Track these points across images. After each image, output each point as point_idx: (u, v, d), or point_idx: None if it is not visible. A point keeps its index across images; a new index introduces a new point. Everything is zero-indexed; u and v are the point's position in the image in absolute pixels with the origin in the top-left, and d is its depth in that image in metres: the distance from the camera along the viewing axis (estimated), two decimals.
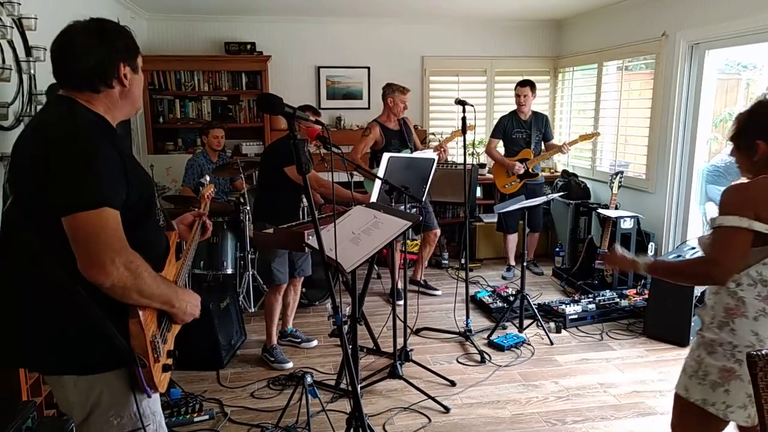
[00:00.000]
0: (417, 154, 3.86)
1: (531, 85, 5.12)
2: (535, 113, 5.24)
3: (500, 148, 5.32)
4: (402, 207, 3.26)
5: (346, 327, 3.67)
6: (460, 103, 3.82)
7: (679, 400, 1.95)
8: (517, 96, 5.14)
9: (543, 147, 5.29)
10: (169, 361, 1.60)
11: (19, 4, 2.82)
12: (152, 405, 1.60)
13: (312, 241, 2.30)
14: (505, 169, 5.23)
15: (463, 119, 3.82)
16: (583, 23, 5.93)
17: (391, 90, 4.52)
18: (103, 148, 1.42)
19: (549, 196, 4.35)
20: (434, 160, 3.67)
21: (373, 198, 3.38)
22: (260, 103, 1.93)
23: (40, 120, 1.52)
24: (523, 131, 5.19)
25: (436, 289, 4.96)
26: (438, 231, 4.81)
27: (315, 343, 3.89)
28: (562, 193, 5.31)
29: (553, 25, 6.34)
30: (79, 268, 1.37)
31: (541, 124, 5.26)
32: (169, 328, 1.64)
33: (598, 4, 5.40)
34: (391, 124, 4.58)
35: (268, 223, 3.40)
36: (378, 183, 3.30)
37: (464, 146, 3.86)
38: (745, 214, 1.68)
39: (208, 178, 2.50)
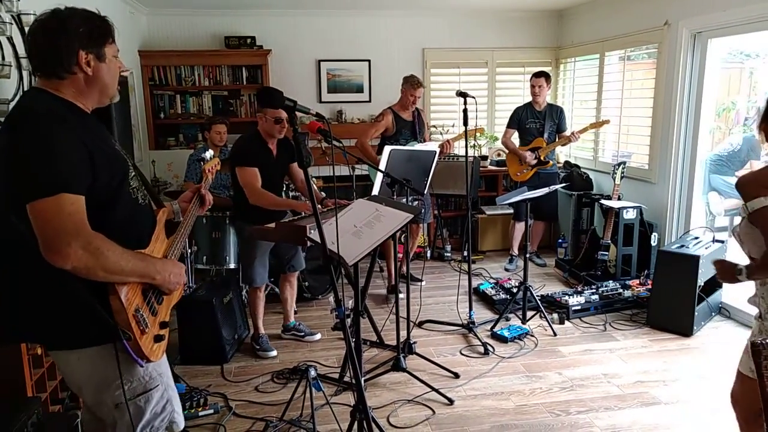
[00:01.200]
0: (419, 147, 3.84)
1: (546, 76, 5.19)
2: (550, 105, 5.32)
3: (515, 138, 5.40)
4: (404, 200, 3.26)
5: (348, 320, 3.70)
6: (462, 95, 3.81)
7: (743, 378, 2.04)
8: (532, 87, 5.21)
9: (557, 138, 5.32)
10: (162, 332, 1.68)
11: (18, 0, 2.81)
12: (158, 367, 1.69)
13: (314, 234, 2.29)
14: (518, 157, 5.28)
15: (465, 111, 3.80)
16: (584, 13, 5.89)
17: (405, 81, 4.56)
18: (59, 134, 1.45)
19: (551, 187, 4.33)
20: (436, 152, 3.66)
21: (375, 190, 3.37)
22: (261, 97, 1.93)
23: (11, 111, 1.55)
24: (537, 121, 5.25)
25: (420, 280, 4.95)
26: (420, 224, 4.87)
27: (318, 336, 3.90)
28: (564, 184, 5.29)
29: (554, 16, 6.30)
30: (42, 253, 1.42)
31: (555, 115, 5.30)
32: (160, 300, 1.70)
33: None
34: (404, 114, 4.56)
35: (245, 222, 3.42)
36: (380, 176, 3.29)
37: (466, 139, 3.85)
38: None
39: (210, 152, 2.50)
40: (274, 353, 3.67)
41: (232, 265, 4.32)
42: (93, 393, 1.62)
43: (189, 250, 4.11)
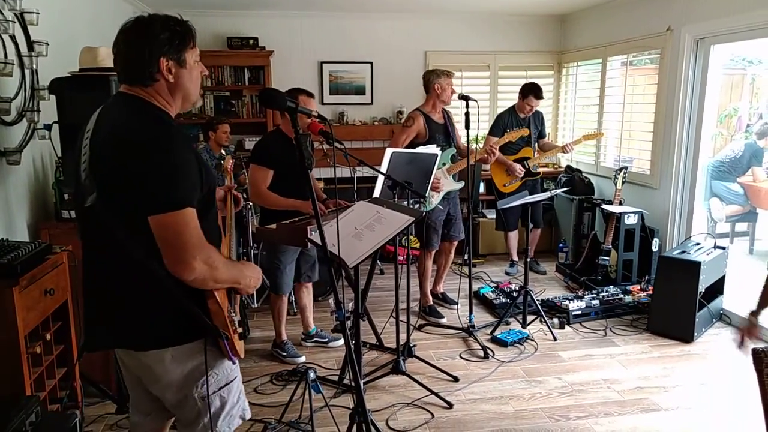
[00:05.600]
0: (420, 149, 3.82)
1: (540, 92, 4.99)
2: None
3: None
4: (405, 202, 3.25)
5: (348, 323, 3.67)
6: (464, 98, 3.80)
7: None
8: (529, 106, 4.99)
9: (537, 145, 5.24)
10: (241, 330, 1.75)
11: None
12: (227, 362, 1.74)
13: (315, 236, 2.29)
14: (505, 167, 5.13)
15: (467, 114, 3.79)
16: (587, 18, 5.89)
17: (435, 75, 4.04)
18: (184, 150, 1.52)
19: (552, 191, 4.33)
20: (437, 155, 3.65)
21: (376, 193, 3.36)
22: (262, 98, 1.92)
23: (116, 120, 1.55)
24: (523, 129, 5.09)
25: (454, 303, 4.49)
26: (455, 241, 4.39)
27: (342, 342, 3.79)
28: (565, 189, 5.27)
29: (557, 20, 6.30)
30: (166, 264, 1.48)
31: (538, 121, 5.22)
32: (235, 300, 1.78)
33: None
34: (435, 116, 4.08)
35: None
36: (380, 178, 3.28)
37: (467, 142, 3.84)
38: None
39: (222, 152, 2.51)
40: (302, 358, 3.61)
41: None
42: (179, 389, 1.65)
43: None
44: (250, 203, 4.33)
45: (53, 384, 2.39)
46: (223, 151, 2.87)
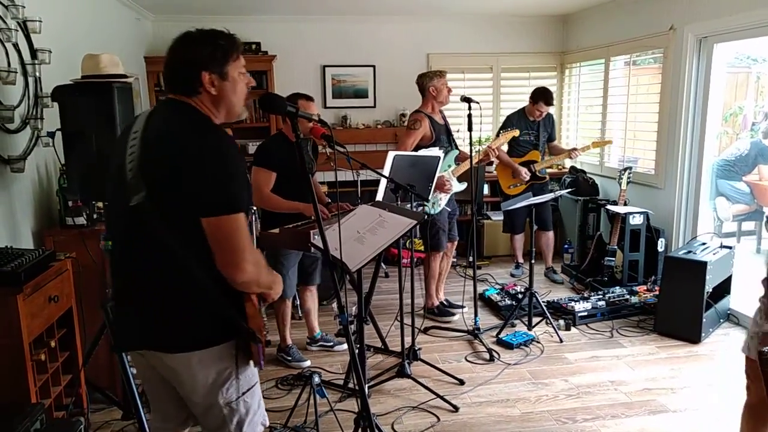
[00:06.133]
0: (423, 152, 3.82)
1: (551, 99, 4.91)
2: None
3: (504, 147, 5.11)
4: (408, 205, 3.24)
5: (352, 327, 3.66)
6: (466, 100, 3.78)
7: None
8: (539, 111, 4.91)
9: (546, 147, 5.19)
10: (267, 336, 1.74)
11: (24, 6, 2.82)
12: (251, 367, 1.75)
13: (317, 240, 2.28)
14: (511, 170, 5.09)
15: (469, 116, 3.78)
16: (589, 18, 5.88)
17: (428, 78, 4.01)
18: (239, 157, 1.58)
19: (556, 192, 4.31)
20: (439, 158, 3.64)
21: (379, 196, 3.36)
22: (262, 103, 1.92)
23: (171, 123, 1.60)
24: (532, 132, 5.05)
25: (461, 306, 4.44)
26: (456, 241, 4.45)
27: (344, 346, 3.77)
28: (569, 190, 5.26)
29: (559, 21, 6.29)
30: (217, 266, 1.53)
31: (548, 124, 5.14)
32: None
33: None
34: (437, 117, 4.05)
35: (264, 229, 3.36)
36: (383, 181, 3.27)
37: (470, 144, 3.83)
38: None
39: None
40: (307, 363, 3.60)
41: None
42: (206, 394, 1.66)
43: None
44: (254, 207, 4.33)
45: (58, 391, 2.40)
46: None
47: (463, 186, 4.13)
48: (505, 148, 5.15)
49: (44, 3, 3.24)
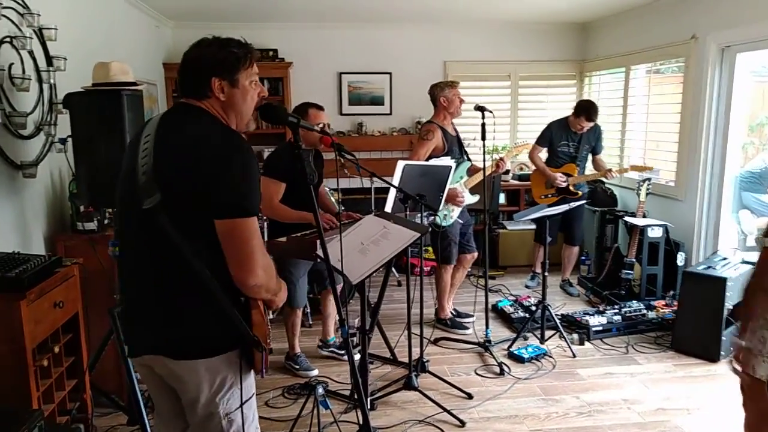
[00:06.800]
0: (434, 162, 3.78)
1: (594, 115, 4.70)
2: None
3: (543, 154, 5.04)
4: (418, 215, 3.20)
5: (354, 339, 3.63)
6: (480, 109, 3.74)
7: None
8: (580, 125, 4.73)
9: (590, 161, 5.02)
10: (271, 344, 1.78)
11: (39, 14, 2.86)
12: (251, 376, 1.75)
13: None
14: (545, 178, 4.95)
15: (483, 125, 3.74)
16: (609, 26, 5.78)
17: (440, 88, 3.98)
18: (254, 162, 1.59)
19: (571, 204, 4.21)
20: (451, 167, 3.60)
21: (388, 206, 3.33)
22: (264, 114, 1.90)
23: (186, 126, 1.62)
24: (571, 143, 4.88)
25: (469, 316, 4.40)
26: (476, 254, 4.30)
27: (357, 355, 3.76)
28: (586, 201, 5.12)
29: (579, 28, 6.20)
30: (230, 269, 1.53)
31: (593, 137, 4.88)
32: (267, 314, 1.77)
33: (625, 7, 5.26)
34: (449, 128, 4.02)
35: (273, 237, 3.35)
36: (392, 191, 3.24)
37: (483, 153, 3.78)
38: None
39: None
40: (315, 372, 3.58)
41: None
42: (208, 403, 1.65)
43: None
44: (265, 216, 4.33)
45: (63, 396, 2.40)
46: None
47: (476, 198, 4.07)
48: (543, 155, 5.06)
49: (63, 11, 3.29)
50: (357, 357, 3.68)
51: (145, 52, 5.03)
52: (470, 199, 4.06)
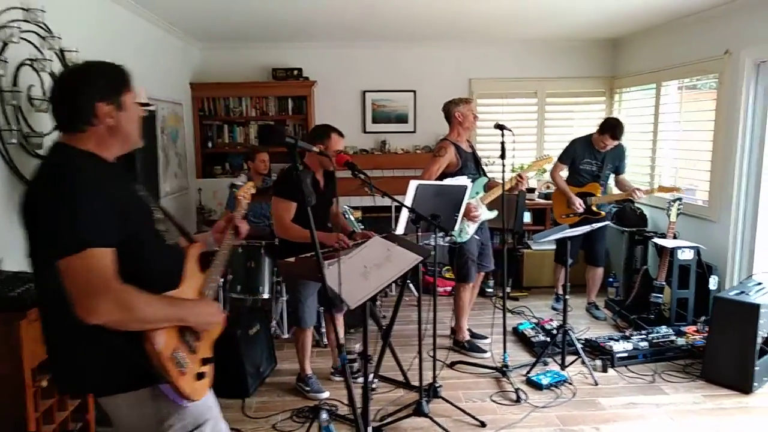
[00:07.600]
0: (449, 181, 3.70)
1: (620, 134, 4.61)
2: None
3: (564, 173, 4.91)
4: (432, 237, 3.14)
5: (355, 365, 3.55)
6: (499, 127, 3.67)
7: None
8: (603, 143, 4.63)
9: (613, 181, 4.88)
10: (204, 369, 1.66)
11: (60, 38, 2.94)
12: (207, 401, 1.69)
13: (329, 272, 2.22)
14: (567, 199, 4.83)
15: (502, 144, 3.66)
16: (640, 41, 5.63)
17: (454, 104, 3.96)
18: (81, 188, 1.45)
19: (593, 225, 4.05)
20: (467, 187, 3.52)
21: (400, 228, 3.26)
22: (260, 136, 1.89)
23: (34, 171, 1.58)
24: (594, 162, 4.74)
25: (484, 337, 4.29)
26: (488, 271, 4.30)
27: (371, 378, 3.66)
28: (608, 222, 4.88)
29: (608, 44, 6.06)
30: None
31: (617, 156, 4.76)
32: (198, 338, 1.68)
33: (656, 22, 5.11)
34: (464, 144, 3.99)
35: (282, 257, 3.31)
36: (404, 212, 3.18)
37: (503, 171, 3.69)
38: None
39: (243, 178, 2.47)
40: (326, 394, 3.50)
41: (265, 295, 4.29)
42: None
43: (222, 279, 4.11)
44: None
45: (65, 416, 2.41)
46: (239, 181, 2.80)
47: (494, 214, 3.98)
48: (564, 174, 4.94)
49: (91, 32, 3.39)
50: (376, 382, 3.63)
51: (172, 72, 5.14)
52: (487, 214, 3.97)
